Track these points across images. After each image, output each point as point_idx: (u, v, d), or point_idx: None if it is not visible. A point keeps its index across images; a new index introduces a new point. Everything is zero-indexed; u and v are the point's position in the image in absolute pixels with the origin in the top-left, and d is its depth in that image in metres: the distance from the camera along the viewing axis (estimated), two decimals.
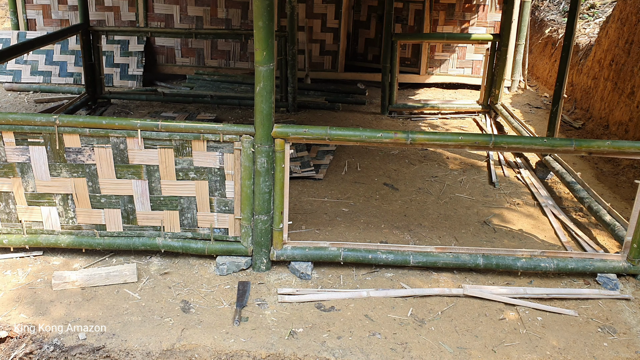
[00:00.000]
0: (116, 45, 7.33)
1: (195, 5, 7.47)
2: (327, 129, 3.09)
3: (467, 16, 7.51)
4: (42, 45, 5.26)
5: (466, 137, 3.20)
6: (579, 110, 6.52)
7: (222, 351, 2.69)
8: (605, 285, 3.32)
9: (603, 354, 2.79)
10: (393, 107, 6.50)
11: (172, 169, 3.18)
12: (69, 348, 2.67)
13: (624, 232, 3.55)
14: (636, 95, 5.27)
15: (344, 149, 5.32)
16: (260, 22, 2.85)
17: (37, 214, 3.28)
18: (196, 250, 3.34)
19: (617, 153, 3.09)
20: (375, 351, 2.73)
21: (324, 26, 7.52)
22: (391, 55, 6.27)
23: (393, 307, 3.07)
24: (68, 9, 7.65)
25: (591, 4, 7.97)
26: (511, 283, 3.34)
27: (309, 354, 2.69)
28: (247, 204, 3.20)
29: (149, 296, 3.07)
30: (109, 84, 7.18)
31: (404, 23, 7.64)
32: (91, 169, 3.18)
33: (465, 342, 2.83)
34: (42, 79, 7.21)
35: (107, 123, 3.08)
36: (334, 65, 7.65)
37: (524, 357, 2.74)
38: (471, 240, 3.81)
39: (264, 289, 3.19)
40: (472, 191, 4.60)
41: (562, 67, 4.68)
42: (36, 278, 3.19)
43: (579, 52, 7.05)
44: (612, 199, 4.48)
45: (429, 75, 7.72)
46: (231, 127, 3.11)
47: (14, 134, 3.11)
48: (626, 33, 5.71)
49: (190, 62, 7.66)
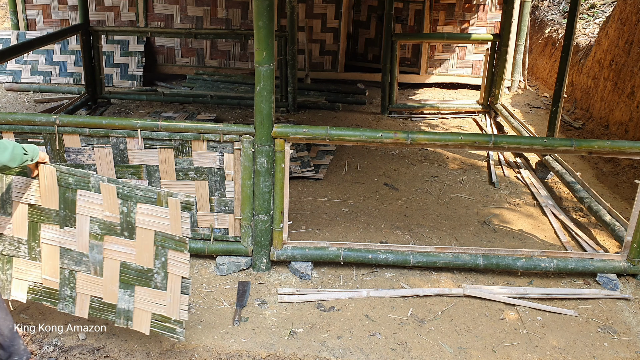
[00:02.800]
0: (116, 45, 7.33)
1: (195, 5, 7.47)
2: (327, 129, 3.09)
3: (467, 16, 7.51)
4: (42, 45, 5.27)
5: (466, 137, 3.20)
6: (579, 110, 6.52)
7: (222, 351, 2.69)
8: (605, 285, 3.32)
9: (603, 354, 2.79)
10: (393, 107, 6.50)
11: (172, 169, 3.18)
12: (69, 348, 2.67)
13: (624, 232, 3.55)
14: (636, 95, 5.27)
15: (344, 149, 5.32)
16: (260, 22, 2.85)
17: None
18: (196, 250, 3.34)
19: (617, 153, 3.09)
20: (375, 351, 2.73)
21: (324, 26, 7.52)
22: (391, 55, 6.27)
23: (393, 307, 3.07)
24: (68, 9, 7.65)
25: (591, 4, 7.97)
26: (511, 283, 3.34)
27: (309, 354, 2.69)
28: (247, 204, 3.20)
29: None
30: (109, 84, 7.18)
31: (404, 23, 7.64)
32: (91, 169, 3.17)
33: (465, 342, 2.83)
34: (42, 79, 7.21)
35: (107, 123, 3.08)
36: (334, 65, 7.65)
37: (524, 357, 2.74)
38: (471, 240, 3.81)
39: (264, 289, 3.19)
40: (472, 191, 4.60)
41: (562, 67, 4.68)
42: None
43: (579, 52, 7.05)
44: (612, 199, 4.48)
45: (429, 75, 7.72)
46: (231, 127, 3.11)
47: (14, 134, 3.11)
48: (626, 33, 5.71)
49: (190, 62, 7.66)
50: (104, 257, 2.50)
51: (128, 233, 2.46)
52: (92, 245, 2.49)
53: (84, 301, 2.57)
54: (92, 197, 2.45)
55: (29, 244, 2.58)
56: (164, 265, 2.45)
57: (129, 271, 2.50)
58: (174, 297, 2.47)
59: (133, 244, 2.46)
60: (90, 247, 2.49)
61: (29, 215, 2.54)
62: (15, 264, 2.61)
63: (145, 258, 2.46)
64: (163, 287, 2.47)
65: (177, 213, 2.39)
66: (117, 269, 2.50)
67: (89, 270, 2.52)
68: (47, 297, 2.61)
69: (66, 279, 2.56)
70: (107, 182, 2.40)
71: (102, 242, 2.48)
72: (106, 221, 2.46)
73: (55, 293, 2.60)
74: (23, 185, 2.51)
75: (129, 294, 2.51)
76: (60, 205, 2.48)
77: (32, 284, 2.63)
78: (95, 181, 2.42)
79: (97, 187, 2.42)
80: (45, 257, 2.55)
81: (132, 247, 2.46)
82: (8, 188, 2.53)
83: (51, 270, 2.56)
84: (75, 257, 2.52)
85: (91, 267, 2.52)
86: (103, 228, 2.47)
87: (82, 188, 2.44)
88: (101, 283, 2.52)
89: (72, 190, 2.45)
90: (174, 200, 2.37)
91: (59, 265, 2.55)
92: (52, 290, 2.59)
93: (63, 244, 2.52)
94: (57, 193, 2.47)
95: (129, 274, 2.50)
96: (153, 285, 2.48)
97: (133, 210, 2.42)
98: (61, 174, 2.45)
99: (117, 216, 2.44)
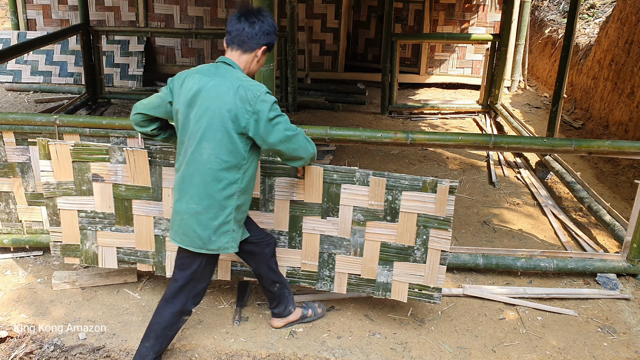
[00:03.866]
0: (116, 45, 7.33)
1: (195, 5, 7.48)
2: (327, 129, 3.09)
3: (467, 16, 7.51)
4: (42, 45, 5.26)
5: (466, 137, 3.20)
6: (578, 110, 6.52)
7: (222, 351, 2.69)
8: (605, 285, 3.32)
9: (603, 353, 2.79)
10: (393, 107, 6.50)
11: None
12: (69, 348, 2.68)
13: (623, 232, 3.55)
14: (636, 95, 5.28)
15: (344, 149, 5.32)
16: None
17: (38, 213, 3.28)
18: None
19: (617, 153, 3.09)
20: (375, 351, 2.73)
21: (324, 26, 7.53)
22: (391, 55, 6.28)
23: (393, 306, 3.07)
24: (68, 9, 7.66)
25: (591, 4, 7.98)
26: (511, 283, 3.34)
27: (309, 353, 2.69)
28: None
29: (149, 296, 3.07)
30: (109, 84, 7.18)
31: (404, 23, 7.64)
32: None
33: (465, 342, 2.83)
34: (43, 79, 7.21)
35: (108, 123, 3.08)
36: (334, 65, 7.66)
37: (523, 357, 2.74)
38: (471, 240, 3.81)
39: None
40: (472, 191, 4.61)
41: (562, 67, 4.68)
42: (36, 278, 3.19)
43: (579, 52, 7.05)
44: (612, 199, 4.48)
45: (429, 75, 7.73)
46: None
47: (14, 134, 3.11)
48: (626, 33, 5.71)
49: (190, 62, 7.66)
50: (365, 239, 2.80)
51: (390, 217, 2.75)
52: (355, 231, 2.80)
53: (342, 279, 2.90)
54: (356, 190, 2.73)
55: (289, 234, 2.88)
56: (425, 242, 2.76)
57: (389, 250, 2.80)
58: (433, 268, 2.79)
59: (395, 226, 2.76)
60: (352, 232, 2.80)
61: (291, 210, 2.82)
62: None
63: (406, 237, 2.77)
64: (422, 260, 2.79)
65: (444, 197, 2.69)
66: (377, 249, 2.81)
67: (348, 252, 2.84)
68: (305, 278, 2.94)
69: (325, 261, 2.88)
70: (376, 176, 2.69)
71: (364, 227, 2.78)
72: (370, 209, 2.75)
73: (313, 274, 2.92)
74: (286, 184, 2.79)
75: (387, 269, 2.83)
76: (323, 199, 2.77)
77: (290, 269, 2.94)
78: (360, 175, 2.70)
79: (362, 180, 2.71)
80: (305, 244, 2.86)
81: (394, 229, 2.76)
82: (271, 188, 2.80)
83: (311, 255, 2.88)
84: (336, 242, 2.83)
85: (351, 249, 2.83)
86: (366, 215, 2.76)
87: (347, 182, 2.72)
88: (360, 262, 2.85)
89: (336, 185, 2.73)
90: (444, 186, 2.69)
91: (318, 250, 2.86)
92: (311, 272, 2.92)
93: (324, 232, 2.83)
94: (321, 188, 2.75)
95: (389, 252, 2.81)
96: (412, 259, 2.80)
97: (398, 198, 2.71)
98: (326, 172, 2.72)
99: (382, 204, 2.73)
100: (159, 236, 2.91)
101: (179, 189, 2.37)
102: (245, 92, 2.24)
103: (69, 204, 2.86)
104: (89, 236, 2.91)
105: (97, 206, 2.86)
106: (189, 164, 2.32)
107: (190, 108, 2.28)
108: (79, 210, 2.87)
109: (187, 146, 2.32)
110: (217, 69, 2.31)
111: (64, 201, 2.85)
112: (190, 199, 2.32)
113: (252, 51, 2.35)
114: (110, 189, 2.82)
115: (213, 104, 2.24)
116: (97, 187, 2.82)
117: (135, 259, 2.96)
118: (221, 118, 2.24)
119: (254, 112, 2.25)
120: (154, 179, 2.81)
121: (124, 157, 2.76)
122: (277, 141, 2.32)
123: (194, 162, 2.30)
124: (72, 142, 2.75)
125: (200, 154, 2.28)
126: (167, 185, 2.81)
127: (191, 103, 2.28)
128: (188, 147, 2.32)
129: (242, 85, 2.25)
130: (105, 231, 2.90)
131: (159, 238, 2.91)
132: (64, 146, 2.74)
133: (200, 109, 2.26)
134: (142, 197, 2.84)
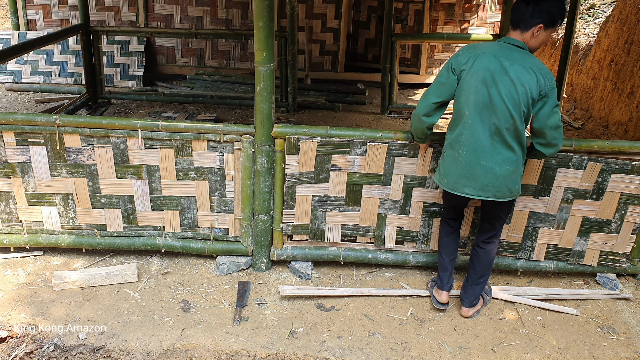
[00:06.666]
0: (116, 45, 7.33)
1: (196, 5, 7.47)
2: (327, 129, 3.09)
3: (467, 16, 7.51)
4: (42, 45, 5.26)
5: None
6: (578, 110, 6.53)
7: (222, 351, 2.69)
8: (605, 285, 3.32)
9: (603, 353, 2.79)
10: (393, 107, 6.50)
11: (173, 169, 3.18)
12: (69, 348, 2.68)
13: None
14: (636, 95, 5.28)
15: None
16: (261, 22, 2.85)
17: (38, 213, 3.29)
18: (196, 250, 3.35)
19: (617, 153, 3.10)
20: (375, 351, 2.73)
21: (324, 26, 7.53)
22: (391, 56, 6.28)
23: (393, 306, 3.07)
24: (68, 9, 7.66)
25: (591, 4, 7.98)
26: (511, 283, 3.34)
27: (309, 353, 2.69)
28: (247, 204, 3.21)
29: (149, 296, 3.07)
30: (109, 84, 7.18)
31: (404, 23, 7.64)
32: (91, 169, 3.18)
33: (465, 341, 2.83)
34: (43, 79, 7.21)
35: (108, 123, 3.09)
36: (334, 66, 7.66)
37: (523, 356, 2.74)
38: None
39: (264, 288, 3.19)
40: None
41: (562, 67, 4.68)
42: (36, 278, 3.20)
43: (579, 52, 7.05)
44: None
45: (429, 75, 7.72)
46: (231, 127, 3.11)
47: (15, 134, 3.11)
48: (626, 33, 5.71)
49: (190, 62, 7.66)
50: (569, 215, 3.21)
51: (596, 196, 3.16)
52: (562, 208, 3.20)
53: (541, 248, 3.31)
54: (571, 173, 3.11)
55: None
56: (622, 217, 3.20)
57: (589, 223, 3.23)
58: (624, 238, 3.26)
59: (598, 203, 3.18)
60: (559, 209, 3.20)
61: None
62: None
63: (606, 212, 3.19)
64: (616, 231, 3.24)
65: None
66: (579, 223, 3.23)
67: (552, 226, 3.25)
68: (508, 249, 3.33)
69: (529, 234, 3.27)
70: (592, 161, 3.07)
71: (571, 205, 3.19)
72: (579, 189, 3.15)
73: (516, 245, 3.32)
74: None
75: (584, 239, 3.27)
76: (539, 181, 3.14)
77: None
78: (576, 160, 3.08)
79: (577, 165, 3.08)
80: (514, 221, 3.25)
81: (597, 205, 3.18)
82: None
83: (517, 229, 3.27)
84: (542, 217, 3.23)
85: (555, 223, 3.24)
86: (575, 194, 3.16)
87: (563, 166, 3.09)
88: (560, 234, 3.27)
89: (552, 169, 3.11)
90: None
91: (525, 225, 3.25)
92: (514, 244, 3.32)
93: (533, 209, 3.21)
94: (539, 172, 3.13)
95: (588, 225, 3.23)
96: (607, 231, 3.24)
97: (607, 179, 3.11)
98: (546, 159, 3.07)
99: (591, 185, 3.14)
100: (381, 214, 3.26)
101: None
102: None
103: (305, 191, 3.19)
104: (319, 216, 3.26)
105: (330, 191, 3.21)
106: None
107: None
108: (313, 195, 3.20)
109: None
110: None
111: (302, 188, 3.18)
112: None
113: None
114: (344, 177, 3.18)
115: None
116: (334, 175, 3.17)
117: (357, 233, 3.33)
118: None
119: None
120: (386, 167, 3.15)
121: (362, 149, 3.10)
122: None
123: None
124: (318, 138, 3.06)
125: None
126: (397, 172, 3.16)
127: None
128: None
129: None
130: (334, 211, 3.26)
131: (381, 215, 3.26)
132: (312, 142, 3.07)
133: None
134: (372, 182, 3.19)
